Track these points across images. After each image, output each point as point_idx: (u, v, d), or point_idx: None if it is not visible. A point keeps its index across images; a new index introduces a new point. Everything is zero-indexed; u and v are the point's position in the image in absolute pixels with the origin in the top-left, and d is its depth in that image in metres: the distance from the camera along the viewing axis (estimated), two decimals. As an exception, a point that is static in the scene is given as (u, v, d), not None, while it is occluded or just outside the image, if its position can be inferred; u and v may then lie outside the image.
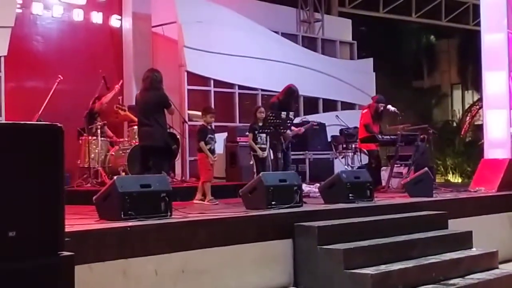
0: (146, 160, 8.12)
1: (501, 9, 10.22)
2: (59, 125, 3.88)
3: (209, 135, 8.32)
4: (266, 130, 8.91)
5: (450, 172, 19.99)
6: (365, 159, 11.91)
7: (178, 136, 8.75)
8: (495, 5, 10.26)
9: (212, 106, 11.30)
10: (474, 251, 7.27)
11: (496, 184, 9.66)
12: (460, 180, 18.92)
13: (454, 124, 23.00)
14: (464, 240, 7.38)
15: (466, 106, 24.59)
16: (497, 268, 7.23)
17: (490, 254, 7.28)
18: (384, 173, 10.73)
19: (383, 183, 10.46)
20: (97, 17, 11.82)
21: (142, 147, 8.44)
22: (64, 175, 3.93)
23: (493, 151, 10.27)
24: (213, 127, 8.63)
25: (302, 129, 10.46)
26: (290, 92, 9.63)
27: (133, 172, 8.98)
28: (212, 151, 8.31)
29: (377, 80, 15.64)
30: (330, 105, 14.50)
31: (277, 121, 8.89)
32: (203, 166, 8.29)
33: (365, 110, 11.03)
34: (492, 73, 10.28)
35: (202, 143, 8.20)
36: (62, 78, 9.76)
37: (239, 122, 12.31)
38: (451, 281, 6.50)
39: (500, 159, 10.05)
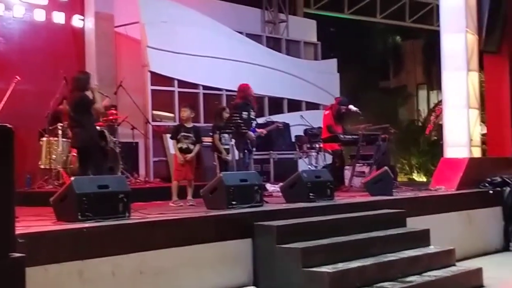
0: (83, 161, 8.04)
1: (460, 10, 10.39)
2: (9, 126, 3.86)
3: (182, 133, 8.26)
4: (228, 131, 8.93)
5: (415, 171, 20.23)
6: (329, 159, 12.00)
7: (105, 133, 8.69)
8: (454, 6, 10.42)
9: (176, 106, 11.29)
10: (431, 249, 7.38)
11: (456, 183, 9.81)
12: (425, 179, 19.16)
13: (419, 124, 23.27)
14: (422, 238, 7.49)
15: (431, 106, 24.91)
16: (454, 265, 7.37)
17: (447, 252, 7.41)
18: (348, 173, 10.84)
19: (347, 183, 10.57)
20: (59, 17, 11.71)
21: (76, 148, 8.41)
22: (14, 176, 3.91)
23: (452, 150, 10.43)
24: (190, 125, 8.49)
25: (264, 131, 10.49)
26: (247, 90, 9.64)
27: (93, 173, 8.93)
28: (185, 150, 8.26)
29: (344, 80, 15.79)
30: (294, 105, 14.60)
31: (240, 121, 8.92)
32: (174, 165, 8.27)
33: (327, 112, 11.15)
34: (452, 73, 10.43)
35: (172, 142, 8.27)
36: (19, 78, 9.64)
37: (204, 123, 12.30)
38: (409, 278, 6.59)
39: (460, 158, 10.20)
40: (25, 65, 10.76)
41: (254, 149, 9.79)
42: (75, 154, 9.80)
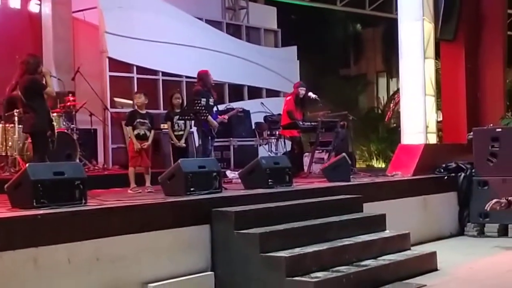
0: (37, 147, 7.79)
1: (417, -1, 10.53)
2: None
3: (138, 120, 8.19)
4: (186, 117, 8.91)
5: (374, 158, 20.47)
6: (289, 146, 12.08)
7: (53, 123, 8.55)
8: (411, -6, 10.55)
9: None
10: (387, 233, 7.51)
11: (412, 169, 9.98)
12: (384, 165, 19.40)
13: (379, 111, 23.52)
14: (377, 222, 7.61)
15: (391, 94, 25.18)
16: (409, 249, 7.50)
17: (402, 236, 7.54)
18: (307, 159, 10.92)
19: (306, 169, 10.65)
20: (15, 2, 11.51)
21: (28, 134, 8.17)
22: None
23: (409, 136, 10.60)
24: (144, 111, 8.40)
25: (226, 117, 10.51)
26: (203, 77, 9.63)
27: (52, 159, 8.82)
28: (142, 136, 8.19)
29: (305, 68, 15.85)
30: (255, 92, 14.62)
31: (198, 108, 8.90)
32: (129, 152, 8.19)
33: (289, 97, 11.20)
34: (408, 60, 10.57)
35: (128, 128, 8.13)
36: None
37: (163, 109, 12.23)
38: (364, 262, 6.71)
39: (416, 145, 10.38)
40: (-20, 51, 10.57)
41: (215, 135, 9.81)
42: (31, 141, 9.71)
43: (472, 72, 11.52)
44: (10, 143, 9.49)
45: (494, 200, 4.09)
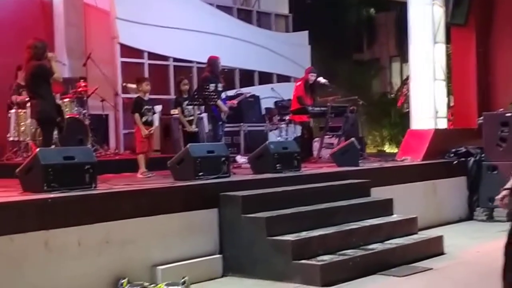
0: (46, 132, 7.72)
1: (427, -18, 10.49)
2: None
3: (145, 107, 8.27)
4: (196, 103, 8.99)
5: (387, 143, 20.47)
6: (299, 131, 12.11)
7: (62, 108, 8.54)
8: (421, -22, 10.52)
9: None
10: (394, 217, 7.57)
11: (422, 154, 10.00)
12: (396, 150, 19.39)
13: (392, 96, 23.46)
14: (385, 207, 7.67)
15: (404, 78, 25.08)
16: (416, 233, 7.55)
17: (409, 220, 7.59)
18: (317, 144, 10.96)
19: (315, 154, 10.70)
20: (27, -11, 11.59)
21: (36, 120, 8.11)
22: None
23: (419, 121, 10.61)
24: (147, 97, 8.47)
25: (235, 101, 10.57)
26: (213, 62, 9.69)
27: (64, 145, 8.93)
28: (149, 123, 8.28)
29: (317, 52, 15.81)
30: (265, 78, 14.64)
31: (207, 93, 8.98)
32: (136, 138, 8.27)
33: (299, 83, 11.21)
34: (419, 45, 10.56)
35: (136, 115, 8.16)
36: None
37: (174, 95, 12.31)
38: (370, 246, 6.78)
39: (425, 130, 10.39)
40: (-7, 38, 10.67)
41: (225, 120, 9.89)
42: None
43: (483, 56, 11.46)
44: (22, 128, 9.62)
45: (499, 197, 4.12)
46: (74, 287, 5.47)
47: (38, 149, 6.13)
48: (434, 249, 7.33)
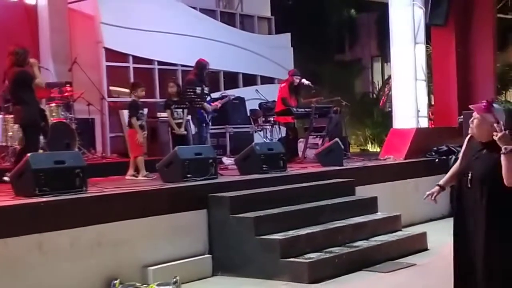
0: (28, 138, 7.78)
1: (408, -16, 10.69)
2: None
3: (140, 111, 8.38)
4: (182, 106, 9.11)
5: (369, 142, 20.69)
6: (284, 132, 12.27)
7: (45, 112, 8.58)
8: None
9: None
10: (378, 215, 7.76)
11: (404, 152, 10.19)
12: (378, 150, 19.60)
13: (374, 96, 23.71)
14: (369, 205, 7.86)
15: (386, 78, 25.33)
16: (400, 230, 7.76)
17: (393, 218, 7.79)
18: (301, 145, 11.12)
19: (300, 154, 10.86)
20: (11, -6, 11.64)
21: (19, 125, 8.12)
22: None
23: (401, 121, 10.81)
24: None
25: (219, 104, 10.69)
26: (202, 66, 9.80)
27: (52, 149, 9.02)
28: (142, 127, 8.39)
29: (300, 54, 15.97)
30: (250, 80, 14.77)
31: (194, 96, 9.10)
32: (133, 142, 8.31)
33: (283, 84, 11.36)
34: (399, 46, 10.76)
35: (134, 119, 8.23)
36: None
37: (160, 98, 12.43)
38: (356, 243, 6.97)
39: (408, 129, 10.59)
40: (-23, 43, 10.69)
41: (210, 122, 10.01)
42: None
43: (463, 56, 11.68)
44: (10, 133, 9.65)
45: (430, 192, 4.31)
46: (68, 288, 5.59)
47: (28, 154, 6.22)
48: (417, 245, 7.54)
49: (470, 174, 3.90)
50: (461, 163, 4.09)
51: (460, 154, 4.17)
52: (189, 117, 9.68)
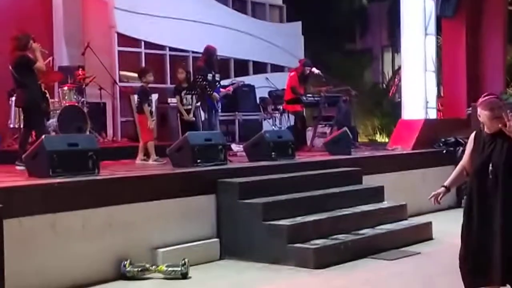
0: (26, 121, 8.00)
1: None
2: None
3: (149, 97, 8.51)
4: (193, 92, 9.21)
5: (378, 132, 20.74)
6: (293, 120, 12.34)
7: (47, 95, 8.72)
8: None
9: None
10: (385, 204, 7.86)
11: (412, 143, 10.28)
12: (387, 140, 19.64)
13: (383, 86, 23.71)
14: (376, 194, 7.96)
15: (396, 69, 25.29)
16: (406, 219, 7.86)
17: (399, 207, 7.90)
18: (310, 133, 11.21)
19: (308, 143, 10.95)
20: (25, -21, 11.71)
21: (20, 108, 8.37)
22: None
23: (410, 111, 10.87)
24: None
25: (231, 88, 10.78)
26: (210, 53, 9.86)
27: (63, 132, 9.16)
28: (151, 113, 8.51)
29: (310, 43, 16.00)
30: (260, 68, 14.84)
31: (205, 83, 9.20)
32: (143, 127, 8.41)
33: (293, 73, 11.41)
34: (410, 37, 10.80)
35: (145, 106, 8.33)
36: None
37: (170, 84, 12.53)
38: (361, 231, 7.08)
39: (416, 120, 10.66)
40: (-9, 28, 10.81)
41: (219, 109, 10.10)
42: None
43: (472, 48, 11.71)
44: (22, 116, 9.79)
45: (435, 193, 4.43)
46: (80, 267, 5.74)
47: (43, 136, 6.35)
48: (423, 234, 7.64)
49: (491, 165, 4.02)
50: (471, 159, 4.18)
51: (468, 151, 4.27)
52: (199, 103, 9.78)
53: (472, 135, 4.24)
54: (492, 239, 4.06)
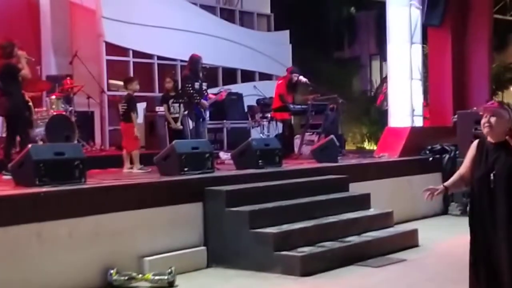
0: (9, 129, 7.96)
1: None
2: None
3: (136, 105, 8.53)
4: (180, 100, 9.25)
5: (366, 140, 20.84)
6: (281, 128, 12.39)
7: (30, 104, 8.75)
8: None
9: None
10: (371, 212, 7.91)
11: (398, 151, 10.34)
12: (375, 148, 19.72)
13: (371, 94, 23.84)
14: (362, 201, 8.00)
15: (383, 77, 25.42)
16: (392, 227, 7.91)
17: (386, 214, 7.94)
18: (298, 141, 11.26)
19: (296, 151, 11.00)
20: (13, -13, 11.75)
21: (3, 117, 8.35)
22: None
23: (396, 119, 10.95)
24: None
25: (224, 94, 10.82)
26: (195, 61, 9.90)
27: (51, 141, 9.15)
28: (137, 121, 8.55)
29: (299, 51, 16.08)
30: (248, 76, 14.92)
31: (192, 91, 9.24)
32: (130, 136, 8.42)
33: (281, 81, 11.49)
34: (396, 45, 10.90)
35: (134, 114, 8.36)
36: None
37: (158, 92, 12.56)
38: (348, 238, 7.11)
39: (402, 127, 10.73)
40: (-21, 35, 10.81)
41: (207, 117, 10.14)
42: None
43: (458, 56, 11.82)
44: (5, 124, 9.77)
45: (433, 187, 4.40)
46: (66, 277, 5.73)
47: (29, 145, 6.36)
48: (409, 241, 7.68)
49: (492, 175, 4.02)
50: (473, 167, 4.15)
51: (468, 160, 4.22)
52: (186, 112, 9.82)
53: (475, 143, 4.22)
54: (499, 246, 4.04)
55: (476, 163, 4.15)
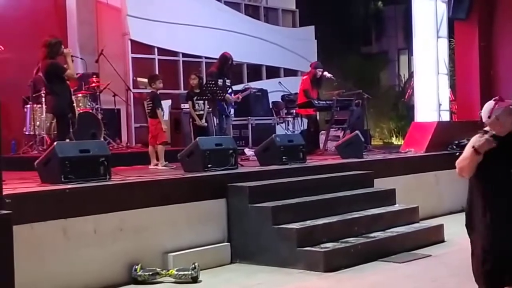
0: (59, 127, 7.99)
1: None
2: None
3: (161, 102, 8.62)
4: (204, 97, 9.30)
5: (394, 135, 20.70)
6: (306, 124, 12.38)
7: (74, 104, 8.87)
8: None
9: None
10: (396, 207, 7.86)
11: (425, 146, 10.26)
12: (403, 143, 19.58)
13: (399, 89, 23.67)
14: (387, 197, 7.96)
15: (411, 71, 25.21)
16: (417, 222, 7.85)
17: (411, 210, 7.89)
18: (323, 137, 11.24)
19: (321, 146, 10.98)
20: (40, -14, 11.88)
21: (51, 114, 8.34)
22: (1, 143, 4.26)
23: (423, 114, 10.87)
24: None
25: (240, 95, 10.86)
26: (225, 60, 9.96)
27: (78, 138, 9.25)
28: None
29: (325, 47, 16.02)
30: (273, 72, 14.90)
31: (215, 88, 9.28)
32: (158, 129, 8.51)
33: (305, 77, 11.48)
34: (422, 40, 10.81)
35: (159, 110, 8.48)
36: (2, 48, 9.91)
37: (183, 90, 12.62)
38: (372, 234, 7.09)
39: (429, 122, 10.65)
40: (7, 35, 10.95)
41: (232, 114, 10.17)
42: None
43: (485, 50, 11.68)
44: (38, 122, 9.94)
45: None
46: (91, 272, 5.81)
47: (55, 143, 6.46)
48: (434, 237, 7.63)
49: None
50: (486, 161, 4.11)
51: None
52: (210, 108, 9.87)
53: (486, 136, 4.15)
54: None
55: (490, 157, 4.09)
